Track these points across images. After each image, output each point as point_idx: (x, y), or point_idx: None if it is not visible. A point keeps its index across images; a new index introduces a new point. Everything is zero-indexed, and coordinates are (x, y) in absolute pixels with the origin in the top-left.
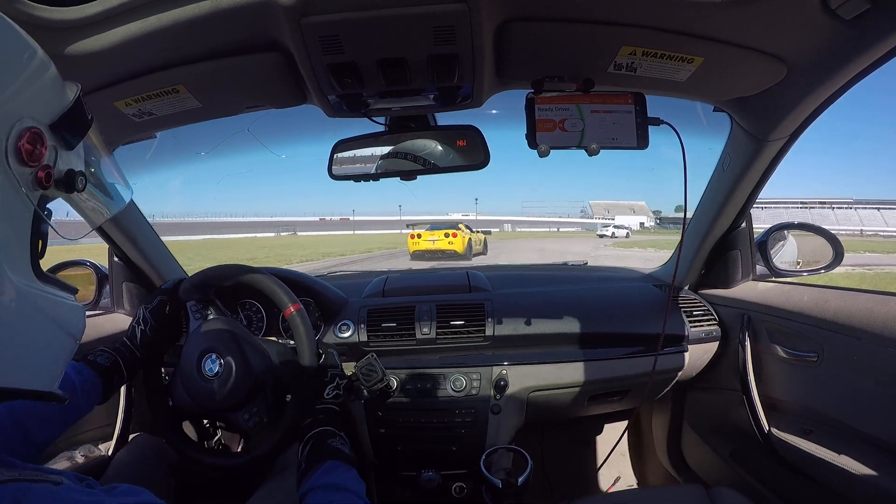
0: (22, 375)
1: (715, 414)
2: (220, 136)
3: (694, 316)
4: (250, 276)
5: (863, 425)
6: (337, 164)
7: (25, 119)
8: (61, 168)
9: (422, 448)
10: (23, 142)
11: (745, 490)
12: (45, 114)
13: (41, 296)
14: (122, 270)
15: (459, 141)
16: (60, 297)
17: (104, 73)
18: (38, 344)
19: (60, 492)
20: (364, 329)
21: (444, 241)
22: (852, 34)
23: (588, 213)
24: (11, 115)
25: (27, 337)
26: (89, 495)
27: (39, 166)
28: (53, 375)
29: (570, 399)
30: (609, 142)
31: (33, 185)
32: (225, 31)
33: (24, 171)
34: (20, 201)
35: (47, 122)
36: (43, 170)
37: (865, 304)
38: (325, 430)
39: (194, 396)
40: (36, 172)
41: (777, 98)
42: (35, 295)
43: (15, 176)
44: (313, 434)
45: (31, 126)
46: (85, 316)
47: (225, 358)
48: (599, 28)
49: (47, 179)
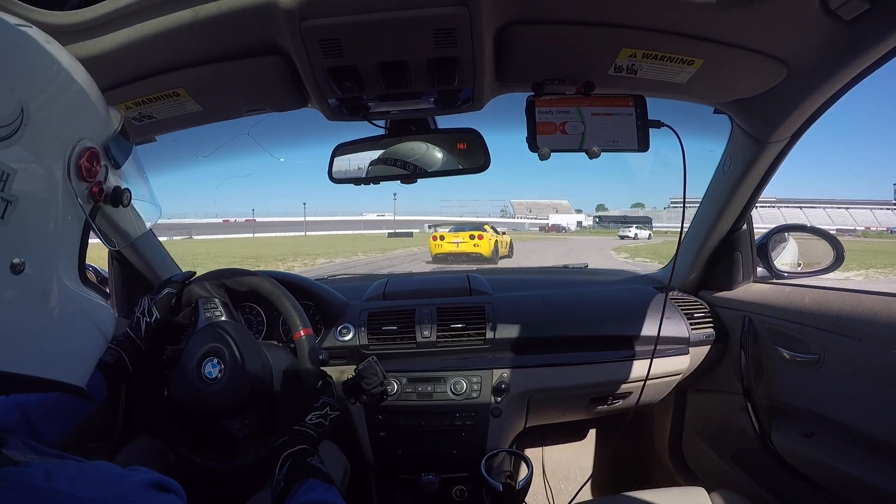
0: (61, 370)
1: (716, 416)
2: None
3: (695, 318)
4: (269, 289)
5: (865, 428)
6: (337, 168)
7: (85, 140)
8: (111, 184)
9: (422, 451)
10: (83, 160)
11: (747, 493)
12: (100, 135)
13: (85, 298)
14: (122, 274)
15: (460, 144)
16: (98, 301)
17: (104, 76)
18: (78, 342)
19: (88, 467)
20: (364, 332)
21: (468, 244)
22: (852, 35)
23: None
24: (75, 135)
25: (70, 335)
26: (112, 468)
27: (94, 182)
28: (86, 372)
29: (571, 402)
30: (610, 144)
31: (88, 199)
32: (225, 34)
33: (81, 185)
34: (76, 213)
35: (101, 143)
36: (96, 185)
37: (867, 305)
38: (303, 448)
39: (190, 396)
40: (91, 188)
41: (777, 99)
42: (81, 298)
43: (74, 190)
44: (292, 452)
45: (90, 146)
46: (115, 318)
47: (226, 363)
48: (600, 30)
49: (99, 194)
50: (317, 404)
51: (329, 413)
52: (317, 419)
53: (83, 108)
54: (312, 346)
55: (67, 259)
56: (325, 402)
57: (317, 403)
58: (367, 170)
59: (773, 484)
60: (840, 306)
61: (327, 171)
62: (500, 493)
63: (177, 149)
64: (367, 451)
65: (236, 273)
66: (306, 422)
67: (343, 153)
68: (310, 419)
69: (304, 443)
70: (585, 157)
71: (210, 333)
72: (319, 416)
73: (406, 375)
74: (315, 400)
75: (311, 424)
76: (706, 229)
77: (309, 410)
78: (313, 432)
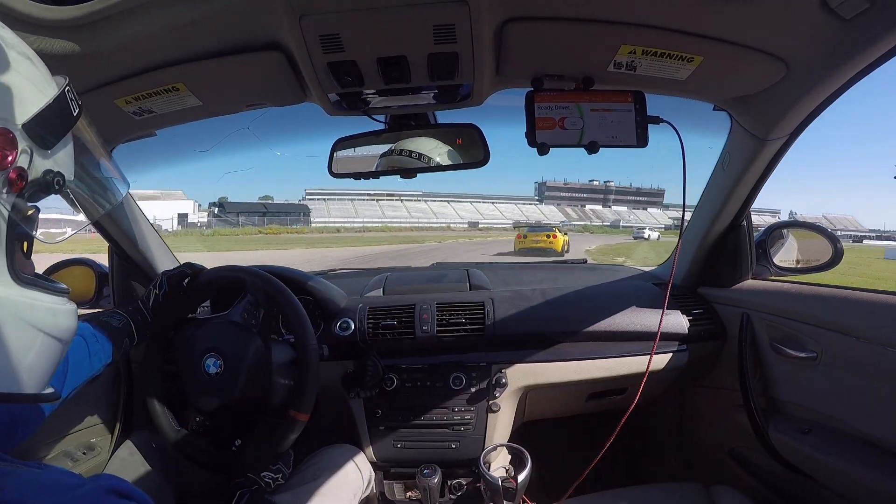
0: (4, 381)
1: (714, 412)
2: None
3: (693, 314)
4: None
5: (861, 425)
6: (337, 162)
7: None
8: (38, 168)
9: (421, 446)
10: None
11: (744, 488)
12: (19, 111)
13: (19, 302)
14: (122, 268)
15: (459, 139)
16: (42, 302)
17: (105, 71)
18: (19, 350)
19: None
20: (364, 327)
21: (546, 241)
22: (852, 33)
23: None
24: None
25: (6, 344)
26: (71, 476)
27: (10, 168)
28: (40, 378)
29: (570, 397)
30: (609, 140)
31: (5, 189)
32: (225, 29)
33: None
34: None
35: (22, 121)
36: (14, 171)
37: (865, 303)
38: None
39: (193, 390)
40: (6, 175)
41: (777, 97)
42: (11, 302)
43: None
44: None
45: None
46: (75, 315)
47: (225, 358)
48: (599, 27)
49: (20, 181)
50: (273, 467)
51: (279, 481)
52: (269, 478)
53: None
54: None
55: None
56: (279, 469)
57: (274, 466)
58: (367, 164)
59: (770, 480)
60: (838, 304)
61: (327, 166)
62: (498, 488)
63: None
64: (366, 445)
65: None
66: (261, 476)
67: (343, 148)
68: (264, 475)
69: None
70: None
71: (211, 328)
72: (272, 477)
73: (405, 370)
74: (275, 463)
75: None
76: (705, 226)
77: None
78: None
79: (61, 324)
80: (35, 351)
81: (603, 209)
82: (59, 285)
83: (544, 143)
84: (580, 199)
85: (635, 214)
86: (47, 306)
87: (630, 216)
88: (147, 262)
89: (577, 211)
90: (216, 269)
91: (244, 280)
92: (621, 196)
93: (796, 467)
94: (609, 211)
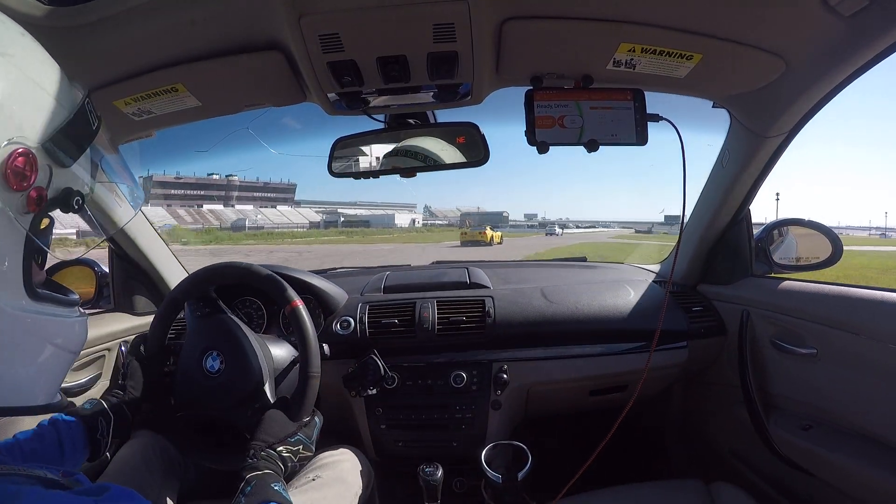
0: (16, 395)
1: (714, 409)
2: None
3: (693, 312)
4: (250, 274)
5: (861, 421)
6: (337, 162)
7: (16, 140)
8: (58, 186)
9: (422, 444)
10: (9, 165)
11: (744, 485)
12: (42, 129)
13: (34, 318)
14: (122, 269)
15: (459, 138)
16: (54, 315)
17: (104, 73)
18: (31, 364)
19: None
20: (364, 325)
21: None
22: (851, 30)
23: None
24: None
25: (20, 359)
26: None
27: (30, 188)
28: (50, 390)
29: (570, 394)
30: (608, 138)
31: (23, 209)
32: (224, 29)
33: (10, 196)
34: (9, 226)
35: (43, 139)
36: (35, 191)
37: (864, 299)
38: (268, 473)
39: (197, 395)
40: (27, 195)
41: (776, 94)
42: (26, 318)
43: (1, 202)
44: (256, 476)
45: (17, 148)
46: (85, 326)
47: (225, 355)
48: (598, 25)
49: (39, 201)
50: (292, 439)
51: (301, 452)
52: (287, 452)
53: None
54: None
55: (7, 277)
56: (299, 440)
57: (292, 438)
58: (367, 164)
59: (771, 476)
60: (838, 300)
61: (327, 165)
62: (499, 485)
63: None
64: (367, 443)
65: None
66: (276, 451)
67: (343, 147)
68: (280, 449)
69: (269, 468)
70: None
71: (204, 330)
72: (290, 450)
73: (406, 368)
74: (292, 434)
75: (280, 455)
76: (705, 223)
77: (283, 442)
78: (280, 464)
79: (72, 336)
80: (47, 363)
81: (225, 209)
82: (71, 296)
83: (544, 141)
84: (196, 198)
85: (263, 213)
86: (60, 320)
87: (257, 216)
88: (147, 262)
89: (192, 213)
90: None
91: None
92: (246, 192)
93: (796, 463)
94: (232, 211)
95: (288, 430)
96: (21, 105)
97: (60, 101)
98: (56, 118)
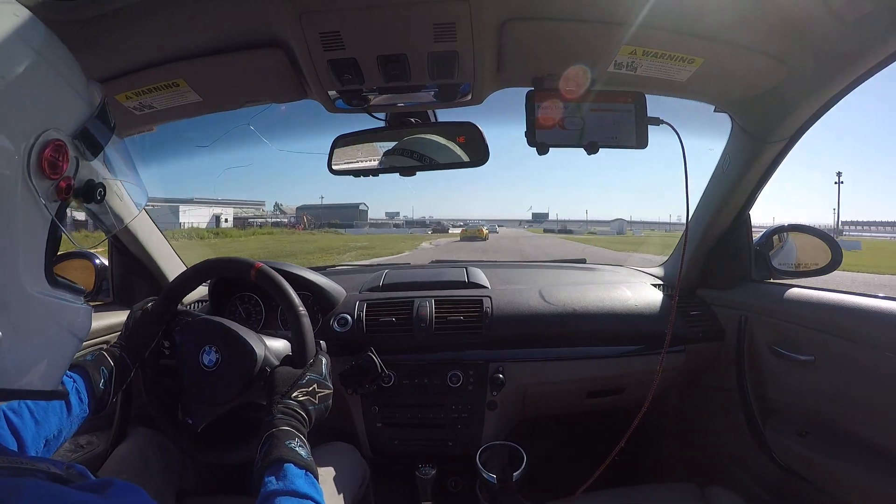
0: (30, 377)
1: (711, 414)
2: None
3: (692, 316)
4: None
5: (858, 428)
6: (337, 159)
7: (52, 131)
8: (81, 178)
9: (418, 443)
10: (45, 155)
11: (739, 489)
12: (71, 122)
13: (53, 302)
14: (121, 262)
15: (459, 137)
16: (69, 301)
17: (105, 67)
18: (47, 347)
19: (51, 488)
20: (362, 323)
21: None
22: (854, 36)
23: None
24: (38, 125)
25: (38, 342)
26: (80, 494)
27: (60, 178)
28: (57, 375)
29: (567, 396)
30: (608, 141)
31: (52, 197)
32: (226, 26)
33: (44, 183)
34: (39, 213)
35: (72, 132)
36: (64, 181)
37: (862, 307)
38: (284, 429)
39: (200, 392)
40: (57, 184)
41: (777, 99)
42: (48, 302)
43: (35, 189)
44: (270, 434)
45: (55, 138)
46: (90, 315)
47: (220, 346)
48: (600, 27)
49: (67, 191)
50: (303, 381)
51: (317, 391)
52: (303, 396)
53: (52, 93)
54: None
55: (30, 264)
56: (311, 380)
57: (303, 380)
58: (367, 162)
59: (766, 481)
60: (836, 307)
61: (327, 163)
62: (494, 486)
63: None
64: (363, 442)
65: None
66: (291, 399)
67: (343, 145)
68: (295, 396)
69: (288, 423)
70: None
71: (197, 327)
72: (306, 392)
73: (403, 367)
74: (301, 377)
75: (297, 402)
76: (704, 228)
77: (295, 387)
78: (301, 411)
79: (82, 323)
80: (59, 348)
81: None
82: (77, 286)
83: (544, 142)
84: None
85: None
86: (73, 306)
87: None
88: (147, 256)
89: None
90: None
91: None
92: None
93: (793, 469)
94: None
95: (295, 375)
96: (54, 100)
97: (84, 98)
98: (82, 114)
